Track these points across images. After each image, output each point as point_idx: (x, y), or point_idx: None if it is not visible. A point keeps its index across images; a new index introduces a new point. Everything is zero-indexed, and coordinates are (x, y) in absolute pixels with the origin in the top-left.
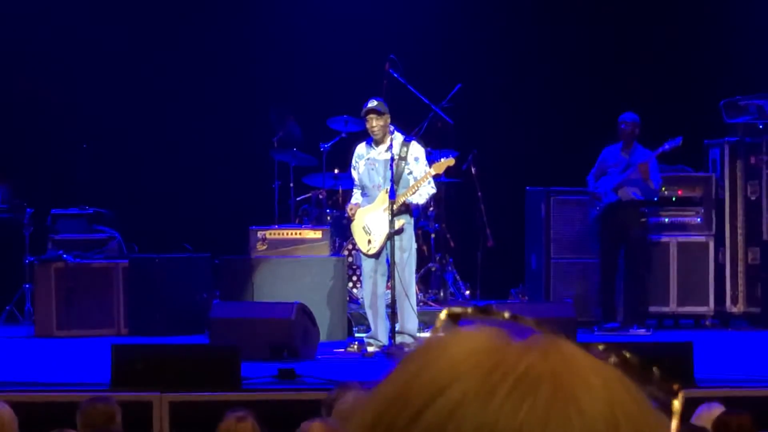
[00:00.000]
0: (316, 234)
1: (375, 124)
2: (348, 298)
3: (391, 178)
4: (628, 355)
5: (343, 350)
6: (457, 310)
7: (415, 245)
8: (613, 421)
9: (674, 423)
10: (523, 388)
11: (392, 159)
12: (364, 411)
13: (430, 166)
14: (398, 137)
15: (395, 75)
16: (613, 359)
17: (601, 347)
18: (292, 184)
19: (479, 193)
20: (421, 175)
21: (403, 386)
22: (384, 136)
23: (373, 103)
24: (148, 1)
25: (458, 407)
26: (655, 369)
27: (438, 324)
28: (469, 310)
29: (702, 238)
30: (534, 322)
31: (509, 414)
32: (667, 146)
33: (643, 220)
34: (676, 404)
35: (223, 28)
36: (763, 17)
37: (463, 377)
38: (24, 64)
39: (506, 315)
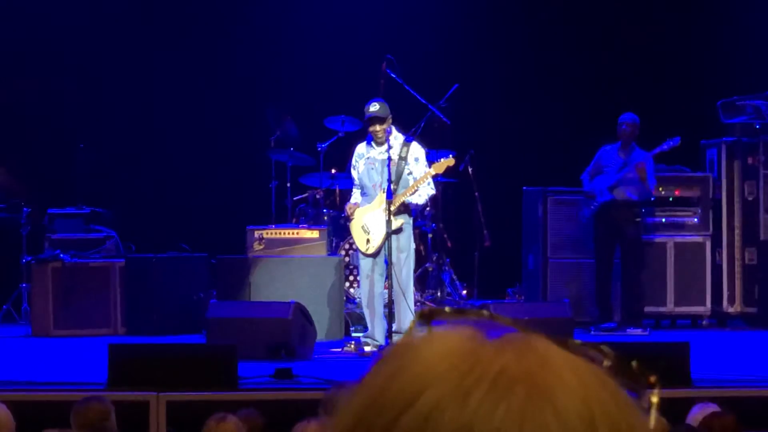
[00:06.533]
0: (313, 234)
1: (378, 128)
2: (345, 298)
3: (388, 178)
4: (605, 350)
5: (340, 350)
6: (429, 310)
7: (413, 246)
8: (590, 418)
9: (653, 416)
10: (498, 390)
11: (389, 159)
12: (342, 416)
13: (429, 167)
14: (399, 137)
15: (392, 75)
16: (590, 355)
17: (577, 343)
18: (289, 184)
19: (476, 193)
20: (421, 176)
21: (379, 391)
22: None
23: (375, 107)
24: (146, 2)
25: (434, 411)
26: (633, 363)
27: (411, 325)
28: (446, 309)
29: (699, 239)
30: (508, 320)
31: (486, 417)
32: (665, 146)
33: (637, 219)
34: (654, 398)
35: (221, 29)
36: (761, 17)
37: (438, 381)
38: (22, 64)
39: (481, 313)
